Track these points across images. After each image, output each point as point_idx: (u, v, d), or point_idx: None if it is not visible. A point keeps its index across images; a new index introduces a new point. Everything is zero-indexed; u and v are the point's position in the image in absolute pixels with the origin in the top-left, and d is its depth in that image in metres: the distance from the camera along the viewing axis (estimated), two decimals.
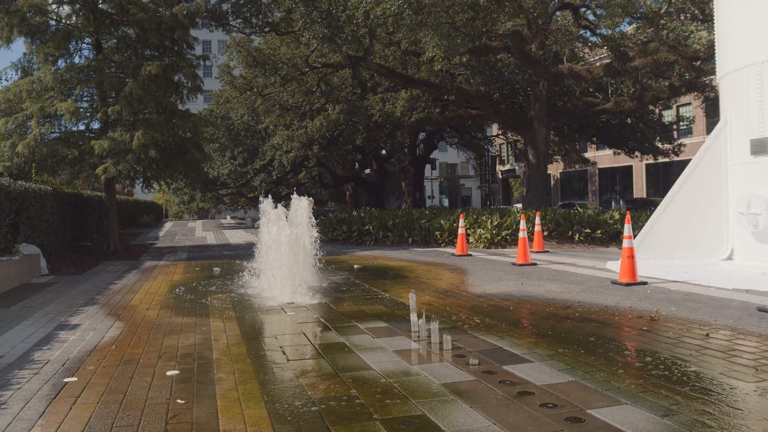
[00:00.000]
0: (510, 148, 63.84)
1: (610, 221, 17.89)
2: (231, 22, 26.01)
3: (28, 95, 16.47)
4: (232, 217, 63.44)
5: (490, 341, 5.84)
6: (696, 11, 19.80)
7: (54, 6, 17.63)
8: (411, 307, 6.54)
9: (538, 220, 15.46)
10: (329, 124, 28.19)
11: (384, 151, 37.21)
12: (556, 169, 56.83)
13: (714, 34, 12.11)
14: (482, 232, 17.33)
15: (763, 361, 4.99)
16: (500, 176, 67.73)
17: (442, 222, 18.47)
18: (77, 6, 17.63)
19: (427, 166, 44.02)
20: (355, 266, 13.10)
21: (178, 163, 18.87)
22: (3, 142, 16.37)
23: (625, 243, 9.38)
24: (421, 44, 21.26)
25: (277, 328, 6.82)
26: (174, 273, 12.83)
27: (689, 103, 39.74)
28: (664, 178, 44.18)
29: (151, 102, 17.31)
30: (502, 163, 67.06)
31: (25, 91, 16.47)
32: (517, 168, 62.79)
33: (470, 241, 17.42)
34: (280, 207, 9.56)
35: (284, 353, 5.63)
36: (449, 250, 16.61)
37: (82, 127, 18.43)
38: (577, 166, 48.23)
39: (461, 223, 15.43)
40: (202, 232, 32.69)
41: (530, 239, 15.01)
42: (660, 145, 31.65)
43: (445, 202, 74.06)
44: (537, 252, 14.87)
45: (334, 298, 8.77)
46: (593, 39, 24.94)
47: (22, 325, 7.25)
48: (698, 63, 22.00)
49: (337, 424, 3.82)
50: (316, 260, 10.45)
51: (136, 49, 18.29)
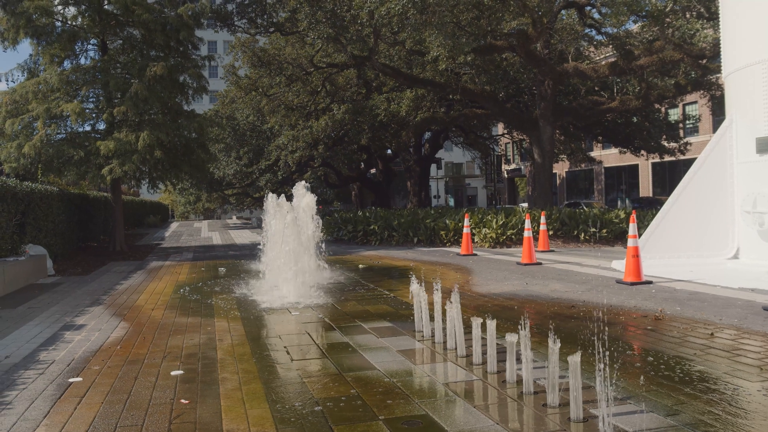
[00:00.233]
0: (515, 148, 63.70)
1: (616, 220, 17.84)
2: (236, 23, 26.08)
3: (35, 96, 16.55)
4: (237, 218, 63.55)
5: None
6: (702, 9, 19.74)
7: (60, 7, 17.71)
8: (413, 290, 6.53)
9: (543, 220, 15.44)
10: (334, 124, 28.21)
11: (389, 151, 37.21)
12: (561, 168, 56.72)
13: (719, 32, 12.07)
14: (487, 231, 17.32)
15: None
16: (506, 175, 67.65)
17: (448, 221, 18.45)
18: (83, 7, 17.71)
19: (433, 166, 44.08)
20: (360, 266, 13.11)
21: (183, 164, 18.93)
22: (9, 144, 16.46)
23: (630, 242, 9.36)
24: (426, 43, 21.26)
25: (281, 328, 6.84)
26: (179, 273, 12.87)
27: (695, 102, 39.61)
28: (670, 177, 44.02)
29: (157, 103, 17.38)
30: (508, 162, 67.00)
31: (32, 92, 16.55)
32: (522, 167, 62.71)
33: (475, 240, 17.41)
34: (283, 199, 9.60)
35: (288, 353, 5.64)
36: (454, 249, 16.60)
37: (88, 128, 18.52)
38: (583, 165, 48.11)
39: (466, 222, 15.42)
40: (208, 233, 32.77)
41: (535, 239, 15.00)
42: (666, 144, 31.52)
43: (451, 202, 74.02)
44: (542, 251, 14.85)
45: (338, 298, 8.78)
46: (598, 38, 24.91)
47: (28, 326, 7.29)
48: (704, 61, 21.91)
49: (340, 424, 3.82)
50: (321, 256, 10.50)
51: (141, 50, 18.35)
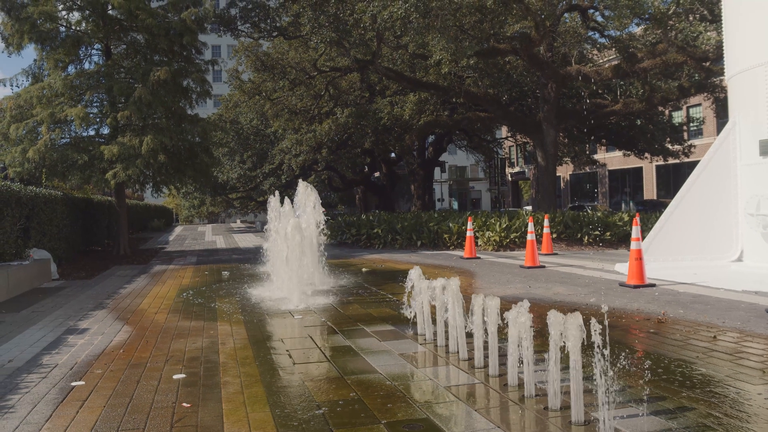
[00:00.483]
0: (519, 151, 63.69)
1: (620, 223, 17.82)
2: (239, 27, 26.15)
3: (39, 101, 16.62)
4: (242, 221, 63.64)
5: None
6: (705, 11, 19.72)
7: (64, 12, 17.79)
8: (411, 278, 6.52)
9: (546, 223, 15.42)
10: (338, 128, 28.26)
11: (393, 155, 37.23)
12: (566, 171, 56.66)
13: (722, 35, 12.05)
14: (491, 234, 17.31)
15: None
16: (510, 178, 67.60)
17: (451, 225, 18.45)
18: (87, 12, 17.78)
19: (437, 169, 44.01)
20: (363, 269, 13.12)
21: (187, 168, 18.96)
22: (14, 148, 16.52)
23: (633, 245, 9.34)
24: (429, 47, 21.28)
25: (284, 332, 6.84)
26: (183, 277, 12.89)
27: (699, 104, 39.55)
28: (674, 180, 43.93)
29: (160, 107, 17.44)
30: (512, 165, 66.97)
31: (36, 97, 16.62)
32: (526, 170, 62.66)
33: (479, 243, 17.40)
34: (287, 202, 9.67)
35: (290, 357, 5.65)
36: (458, 252, 16.59)
37: (92, 133, 18.58)
38: (587, 168, 48.05)
39: (469, 225, 15.42)
40: (212, 236, 32.82)
41: (539, 242, 14.98)
42: (670, 147, 31.46)
43: (455, 205, 73.98)
44: (545, 254, 14.83)
45: (341, 302, 8.78)
46: (602, 40, 24.90)
47: (32, 330, 7.31)
48: (708, 63, 21.87)
49: (341, 428, 3.82)
50: (324, 259, 10.53)
51: (145, 55, 18.41)
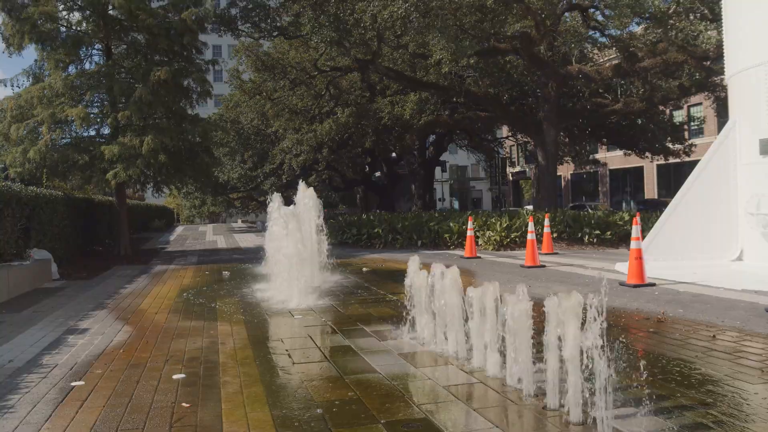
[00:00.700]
0: (520, 150, 63.56)
1: (620, 222, 17.81)
2: (240, 27, 26.13)
3: (39, 101, 16.61)
4: (243, 221, 63.66)
5: None
6: (705, 11, 19.68)
7: (64, 13, 17.78)
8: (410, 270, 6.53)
9: (547, 222, 15.42)
10: (338, 128, 28.25)
11: (394, 154, 37.23)
12: (566, 171, 56.62)
13: (723, 34, 12.05)
14: (491, 234, 17.31)
15: None
16: (511, 178, 67.52)
17: (452, 224, 18.45)
18: (87, 13, 17.78)
19: (437, 169, 44.03)
20: (364, 269, 13.13)
21: (187, 168, 18.97)
22: (15, 148, 16.53)
23: (633, 244, 9.34)
24: (429, 47, 21.27)
25: (283, 332, 6.86)
26: (184, 277, 12.90)
27: (700, 103, 39.47)
28: (675, 179, 43.89)
29: (161, 107, 17.44)
30: (513, 164, 66.88)
31: (36, 98, 16.61)
32: (527, 170, 62.59)
33: (479, 243, 17.39)
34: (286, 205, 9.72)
35: (290, 357, 5.66)
36: (458, 252, 16.59)
37: (93, 133, 18.58)
38: (588, 168, 47.98)
39: (470, 225, 15.42)
40: (213, 236, 32.82)
41: (539, 241, 14.98)
42: (671, 146, 31.40)
43: (456, 205, 73.96)
44: (546, 254, 14.82)
45: (341, 301, 8.79)
46: (602, 40, 24.85)
47: (32, 330, 7.32)
48: (708, 63, 21.85)
49: (340, 427, 3.84)
50: (325, 259, 10.54)
51: (145, 55, 18.40)
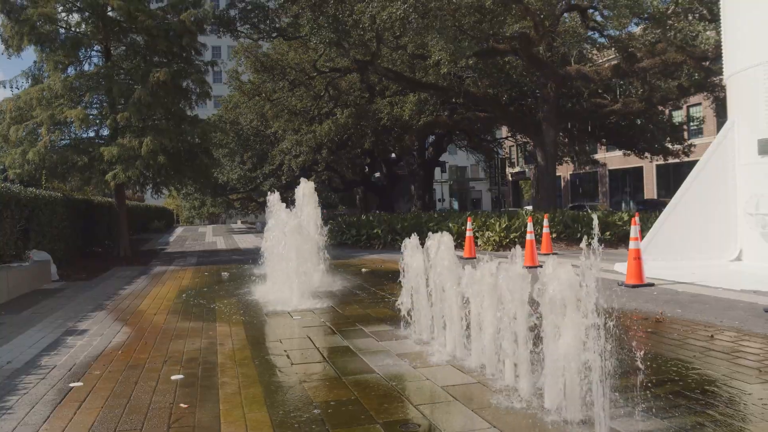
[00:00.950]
0: (519, 151, 63.59)
1: (619, 223, 17.81)
2: (239, 28, 26.14)
3: (39, 103, 16.60)
4: (242, 222, 63.65)
5: None
6: (704, 11, 19.68)
7: (63, 14, 17.79)
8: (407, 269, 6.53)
9: (546, 222, 15.42)
10: (338, 129, 28.23)
11: (393, 155, 37.21)
12: (566, 171, 56.62)
13: (721, 34, 12.06)
14: (491, 234, 17.31)
15: (767, 362, 4.97)
16: (510, 178, 67.55)
17: (450, 225, 18.43)
18: (86, 14, 17.78)
19: (437, 169, 43.99)
20: (363, 270, 13.14)
21: (187, 169, 18.98)
22: (14, 150, 16.53)
23: (632, 244, 9.34)
24: (428, 47, 21.28)
25: (282, 332, 6.86)
26: (183, 278, 12.91)
27: (699, 104, 39.47)
28: (675, 179, 43.88)
29: (160, 108, 17.45)
30: (512, 165, 66.88)
31: (36, 99, 16.60)
32: (527, 170, 62.59)
33: (478, 243, 17.38)
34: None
35: (288, 357, 5.66)
36: (458, 253, 16.54)
37: (92, 134, 18.60)
38: (587, 168, 47.98)
39: (468, 226, 15.42)
40: (212, 237, 32.83)
41: (538, 242, 14.97)
42: (670, 146, 31.39)
43: (455, 205, 73.94)
44: (544, 254, 14.81)
45: (340, 302, 8.80)
46: (601, 40, 24.85)
47: (31, 331, 7.32)
48: (707, 63, 21.85)
49: (338, 428, 3.84)
50: (324, 260, 10.54)
51: (144, 56, 18.40)
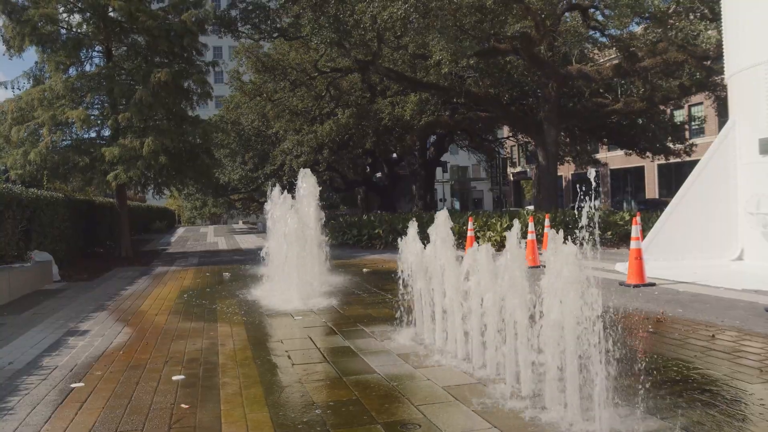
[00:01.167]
0: (521, 150, 63.56)
1: (620, 222, 17.81)
2: (240, 29, 26.14)
3: (40, 103, 16.62)
4: (244, 222, 63.66)
5: None
6: (705, 10, 19.66)
7: (65, 15, 17.81)
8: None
9: (547, 222, 15.41)
10: (339, 129, 28.24)
11: (394, 155, 37.20)
12: (567, 171, 56.55)
13: (722, 34, 12.05)
14: (492, 234, 17.31)
15: None
16: (511, 178, 67.53)
17: (452, 225, 18.44)
18: (87, 15, 17.79)
19: (438, 169, 43.98)
20: (364, 270, 13.14)
21: (188, 169, 18.98)
22: (15, 151, 16.55)
23: (633, 244, 9.33)
24: (429, 47, 21.27)
25: (283, 333, 6.86)
26: (184, 278, 12.91)
27: (701, 103, 39.44)
28: (676, 179, 43.82)
29: (161, 109, 17.46)
30: (514, 165, 66.87)
31: (37, 100, 16.62)
32: (528, 170, 62.56)
33: (480, 243, 17.37)
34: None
35: (289, 358, 5.67)
36: (459, 253, 16.56)
37: (93, 135, 18.62)
38: (589, 167, 47.98)
39: (470, 226, 15.41)
40: (214, 238, 32.85)
41: (540, 241, 14.95)
42: (671, 145, 31.36)
43: (457, 205, 73.91)
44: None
45: (341, 302, 8.80)
46: (602, 40, 24.83)
47: (33, 332, 7.33)
48: (708, 62, 21.83)
49: (338, 428, 3.84)
50: (326, 260, 10.56)
51: (145, 57, 18.41)
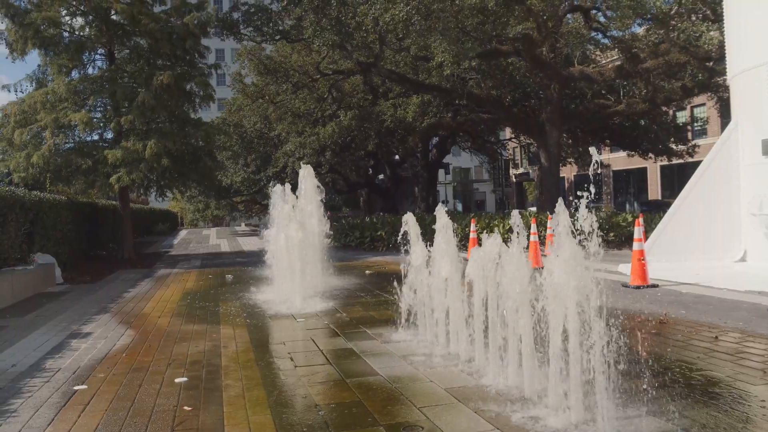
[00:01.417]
0: (523, 152, 63.48)
1: (623, 224, 17.78)
2: (242, 31, 26.18)
3: (43, 106, 16.65)
4: (246, 224, 63.70)
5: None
6: (707, 11, 19.64)
7: (67, 18, 17.85)
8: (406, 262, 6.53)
9: (549, 224, 15.40)
10: (341, 131, 28.27)
11: (397, 157, 37.20)
12: (569, 172, 56.52)
13: (725, 35, 12.04)
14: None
15: None
16: (514, 180, 67.48)
17: (455, 227, 18.42)
18: (90, 18, 17.84)
19: (441, 171, 43.99)
20: (367, 272, 13.15)
21: (190, 172, 19.01)
22: (18, 153, 16.59)
23: (636, 245, 9.32)
24: (431, 49, 21.28)
25: (286, 335, 6.86)
26: (187, 281, 12.92)
27: (703, 104, 39.38)
28: (679, 180, 43.69)
29: (164, 111, 17.48)
30: (516, 166, 66.78)
31: (40, 103, 16.66)
32: (531, 171, 62.46)
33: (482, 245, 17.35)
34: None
35: (292, 360, 5.67)
36: (462, 255, 16.55)
37: (96, 137, 18.64)
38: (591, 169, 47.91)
39: (472, 227, 15.41)
40: (216, 240, 32.85)
41: (542, 243, 14.94)
42: (674, 147, 31.32)
43: (459, 207, 73.86)
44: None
45: (344, 304, 8.80)
46: (604, 41, 24.82)
47: (36, 334, 7.34)
48: (711, 63, 21.78)
49: (341, 430, 3.84)
50: (328, 262, 10.58)
51: (148, 59, 18.45)
